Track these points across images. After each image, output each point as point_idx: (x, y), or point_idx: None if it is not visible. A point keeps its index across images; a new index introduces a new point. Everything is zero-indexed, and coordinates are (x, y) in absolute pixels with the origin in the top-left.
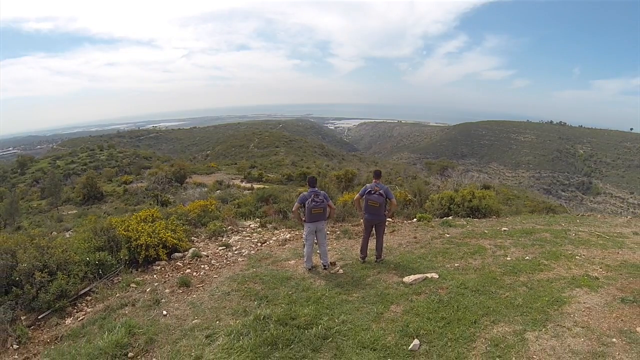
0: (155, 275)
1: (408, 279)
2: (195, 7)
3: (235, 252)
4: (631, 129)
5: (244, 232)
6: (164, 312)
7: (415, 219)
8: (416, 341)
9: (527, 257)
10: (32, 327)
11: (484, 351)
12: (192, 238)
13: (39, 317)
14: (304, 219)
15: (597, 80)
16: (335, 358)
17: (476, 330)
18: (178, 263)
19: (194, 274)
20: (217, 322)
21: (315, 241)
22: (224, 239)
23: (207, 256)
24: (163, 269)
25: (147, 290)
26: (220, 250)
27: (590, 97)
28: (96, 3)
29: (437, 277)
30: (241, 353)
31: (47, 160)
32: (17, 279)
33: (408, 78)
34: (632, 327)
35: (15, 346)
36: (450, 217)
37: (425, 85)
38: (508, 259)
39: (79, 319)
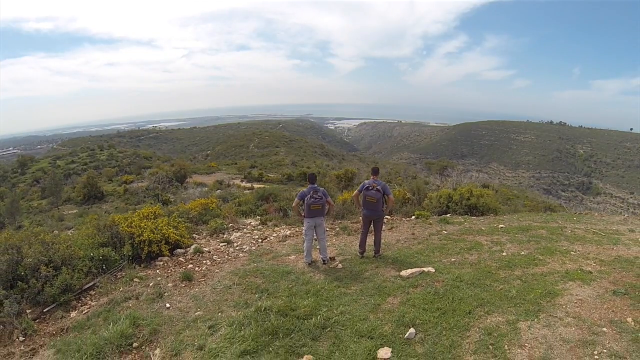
0: (158, 271)
1: (405, 272)
2: (195, 7)
3: (237, 248)
4: (631, 129)
5: (245, 230)
6: (167, 305)
7: (413, 217)
8: (412, 330)
9: (523, 253)
10: (37, 320)
11: (477, 339)
12: (194, 235)
13: (44, 311)
14: (303, 214)
15: (597, 80)
16: (334, 346)
17: (470, 320)
18: (180, 259)
19: (196, 268)
20: (219, 313)
21: (315, 237)
22: (225, 236)
23: (209, 252)
24: (166, 264)
25: (151, 284)
26: (222, 246)
27: (590, 97)
28: (96, 3)
29: (434, 271)
30: (243, 342)
31: (47, 160)
32: (23, 273)
33: (408, 78)
34: (623, 318)
35: (21, 338)
36: (448, 215)
37: (425, 85)
38: (504, 254)
39: (83, 312)
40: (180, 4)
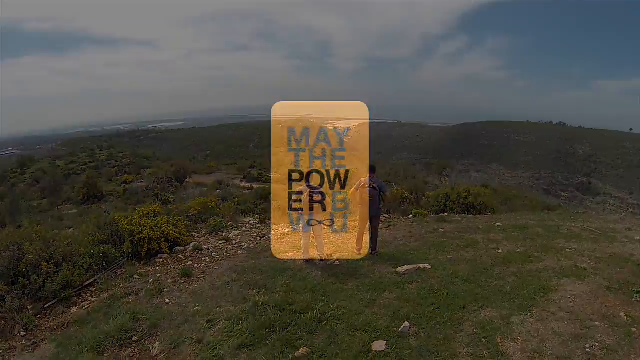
0: (157, 267)
1: (401, 269)
2: (195, 8)
3: (235, 246)
4: (631, 129)
5: (244, 228)
6: (167, 300)
7: (411, 215)
8: (406, 324)
9: (518, 250)
10: (38, 316)
11: (471, 333)
12: (193, 233)
13: (45, 306)
14: (301, 212)
15: (598, 80)
16: (330, 339)
17: (464, 314)
18: (180, 256)
19: (196, 265)
20: (218, 308)
21: (312, 234)
22: (224, 234)
23: (208, 249)
24: (165, 261)
25: (150, 280)
26: (221, 243)
27: (590, 97)
28: (96, 3)
29: (430, 267)
30: (240, 335)
31: (47, 160)
32: (24, 270)
33: (408, 78)
34: (616, 313)
35: (22, 333)
36: (445, 214)
37: (425, 86)
38: (500, 251)
39: (84, 308)
40: (180, 4)
